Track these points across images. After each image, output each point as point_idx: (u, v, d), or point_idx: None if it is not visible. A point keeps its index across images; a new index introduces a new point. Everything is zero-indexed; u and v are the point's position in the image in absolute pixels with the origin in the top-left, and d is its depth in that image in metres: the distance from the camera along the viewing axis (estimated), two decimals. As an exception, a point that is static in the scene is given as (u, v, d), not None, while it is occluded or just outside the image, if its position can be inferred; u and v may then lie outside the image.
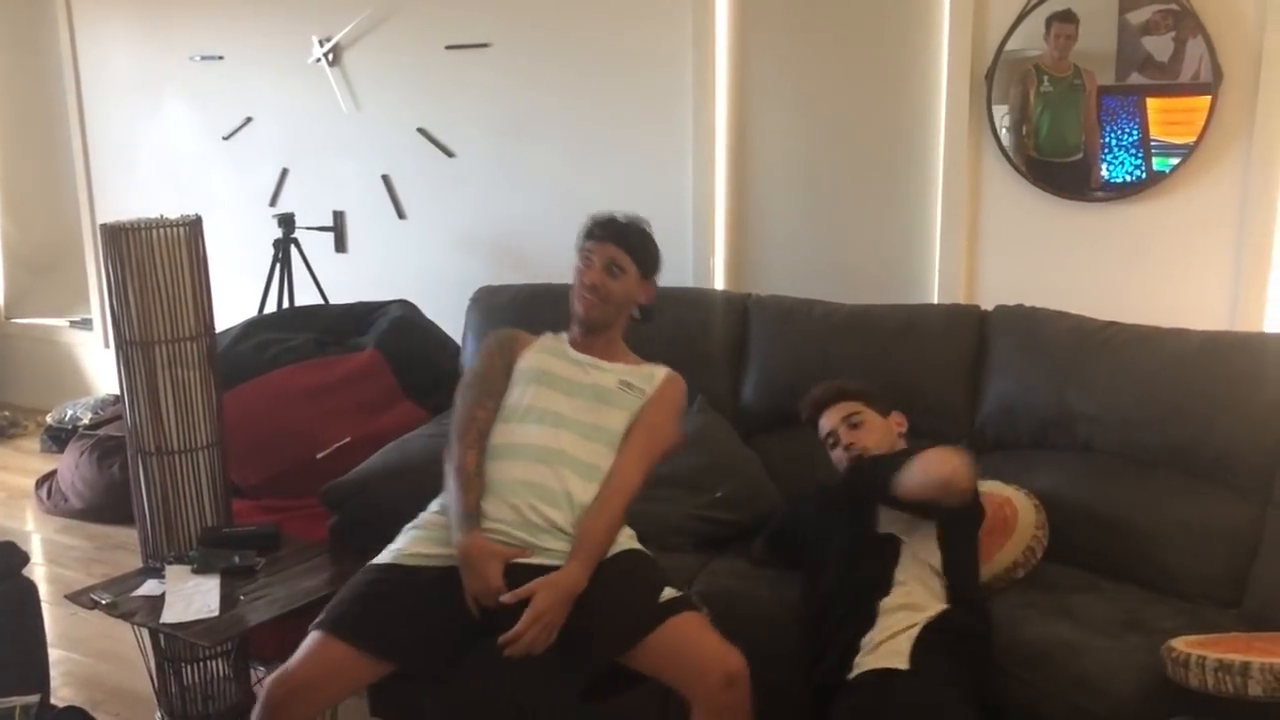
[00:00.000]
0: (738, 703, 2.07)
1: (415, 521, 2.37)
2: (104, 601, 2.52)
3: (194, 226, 2.75)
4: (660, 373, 2.50)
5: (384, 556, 2.29)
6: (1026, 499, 2.59)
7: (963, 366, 2.91)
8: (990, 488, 2.65)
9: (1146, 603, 2.41)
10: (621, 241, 2.46)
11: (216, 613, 2.44)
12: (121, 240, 2.66)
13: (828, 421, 2.54)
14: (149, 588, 2.58)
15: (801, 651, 2.28)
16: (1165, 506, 2.56)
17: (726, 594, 2.47)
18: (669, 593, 2.20)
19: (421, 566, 2.25)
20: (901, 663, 2.03)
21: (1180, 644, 2.01)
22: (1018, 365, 2.83)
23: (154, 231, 2.67)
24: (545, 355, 2.49)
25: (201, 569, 2.62)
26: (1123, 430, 2.66)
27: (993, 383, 2.86)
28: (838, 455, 2.52)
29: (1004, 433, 2.84)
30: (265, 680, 2.10)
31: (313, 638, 2.14)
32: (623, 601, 2.17)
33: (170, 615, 2.43)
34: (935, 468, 2.17)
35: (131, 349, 2.73)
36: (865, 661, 2.07)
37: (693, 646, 2.11)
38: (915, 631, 2.07)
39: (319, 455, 3.27)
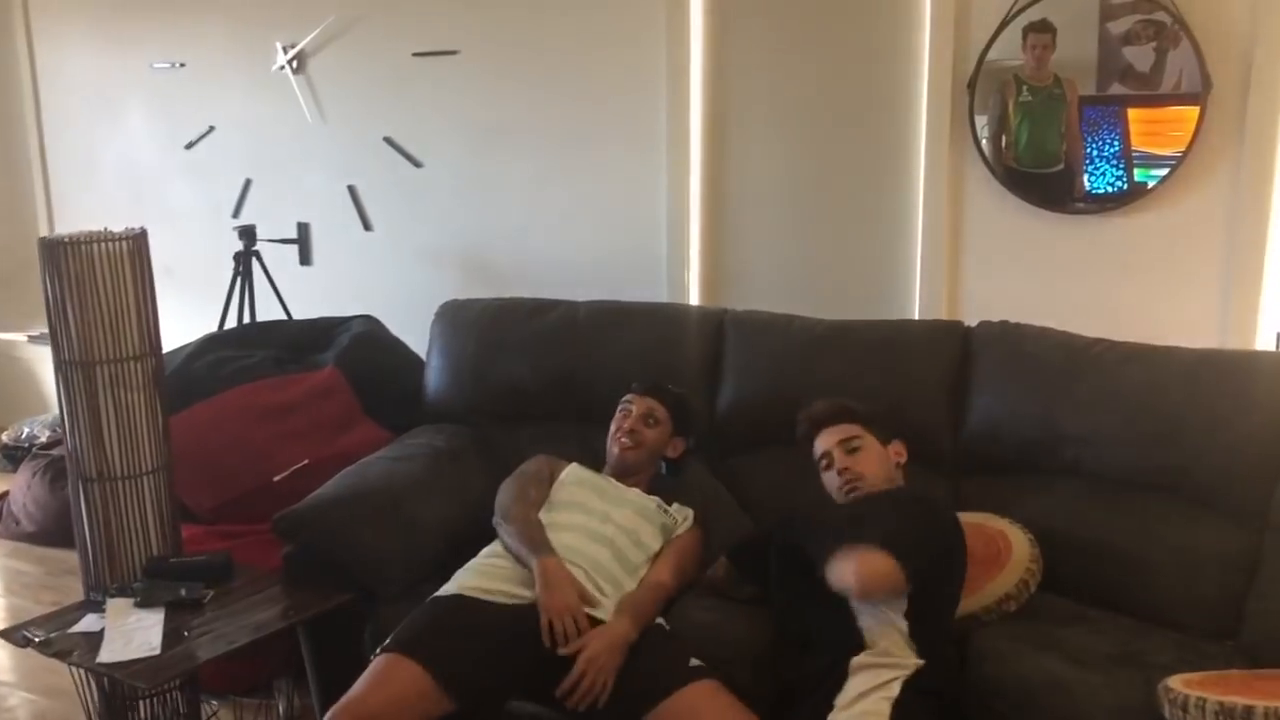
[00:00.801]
0: None
1: (471, 564, 2.43)
2: (37, 639, 2.37)
3: (138, 240, 2.61)
4: (689, 512, 2.62)
5: (448, 588, 2.34)
6: (1021, 533, 2.49)
7: (945, 384, 2.79)
8: (982, 520, 2.55)
9: (1138, 634, 2.30)
10: (661, 397, 2.70)
11: (158, 650, 2.29)
12: (60, 255, 2.52)
13: (824, 442, 2.42)
14: (88, 623, 2.44)
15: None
16: (1156, 532, 2.46)
17: (698, 628, 2.36)
18: (696, 660, 2.21)
19: (486, 601, 2.29)
20: None
21: (1178, 683, 1.90)
22: (1002, 384, 2.72)
23: (95, 246, 2.53)
24: (587, 472, 2.66)
25: (145, 602, 2.48)
26: (1112, 452, 2.55)
27: (976, 402, 2.75)
28: (830, 479, 2.40)
29: (988, 454, 2.72)
30: (329, 713, 2.05)
31: (384, 660, 2.15)
32: (657, 662, 2.20)
33: (108, 654, 2.29)
34: (842, 578, 2.09)
35: (71, 369, 2.58)
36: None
37: (719, 705, 2.11)
38: (894, 690, 1.95)
39: (275, 478, 3.13)
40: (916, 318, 3.24)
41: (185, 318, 4.20)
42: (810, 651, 2.15)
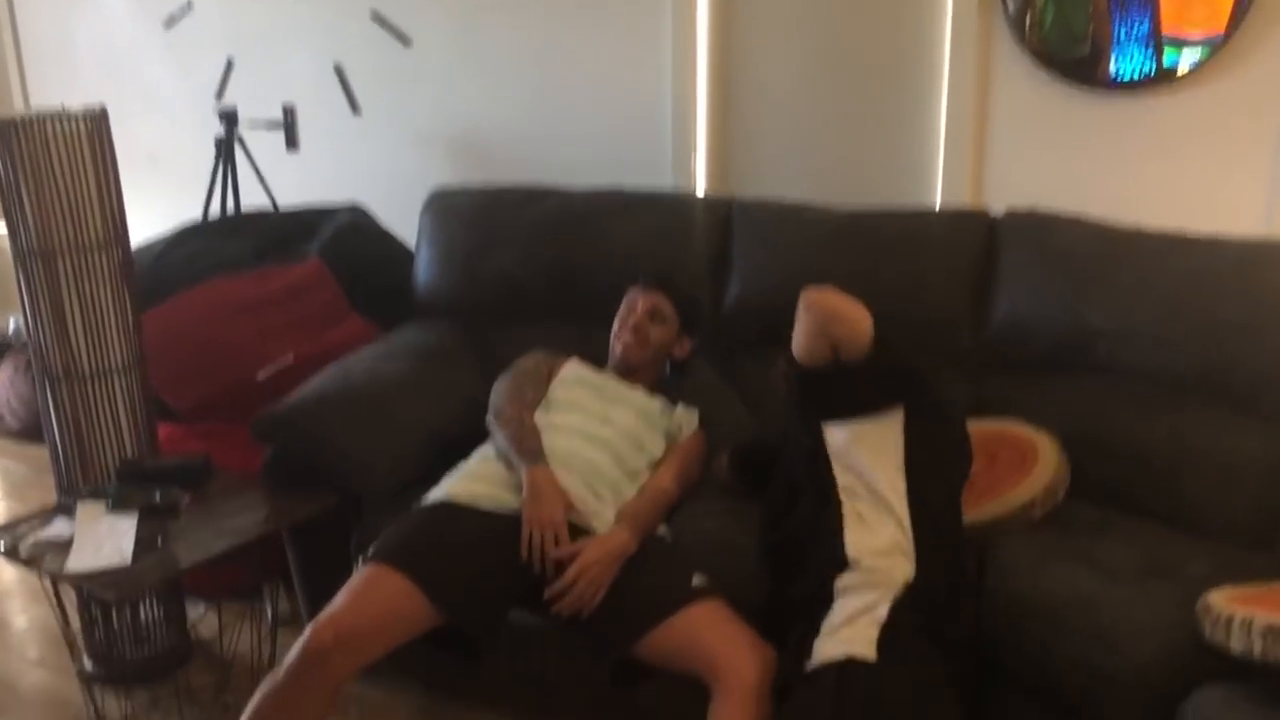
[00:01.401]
0: (764, 694, 1.89)
1: (461, 468, 2.30)
2: (3, 546, 2.24)
3: (98, 120, 2.40)
4: (694, 414, 2.50)
5: (437, 494, 2.21)
6: (1048, 437, 2.33)
7: (969, 278, 2.61)
8: (1006, 425, 2.39)
9: (1170, 544, 2.15)
10: (668, 292, 2.51)
11: (129, 560, 2.16)
12: (11, 135, 2.32)
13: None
14: (58, 528, 2.31)
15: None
16: (1192, 436, 2.30)
17: (703, 538, 2.22)
18: (699, 579, 2.07)
19: (475, 508, 2.15)
20: (866, 651, 1.76)
21: (1220, 600, 1.76)
22: (1030, 276, 2.53)
23: (50, 125, 2.33)
24: (588, 370, 2.50)
25: (118, 506, 2.35)
26: (1147, 350, 2.37)
27: (1002, 296, 2.56)
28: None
29: (1013, 352, 2.55)
30: (308, 627, 1.91)
31: (369, 571, 2.01)
32: (658, 578, 2.07)
33: (76, 562, 2.16)
34: (804, 309, 2.03)
35: (31, 260, 2.41)
36: (824, 648, 1.80)
37: (723, 631, 1.97)
38: (882, 612, 1.81)
39: (259, 376, 2.98)
40: (938, 206, 3.03)
41: (172, 208, 4.01)
42: (799, 572, 2.00)
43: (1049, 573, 2.02)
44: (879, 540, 1.90)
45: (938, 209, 2.98)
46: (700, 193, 3.35)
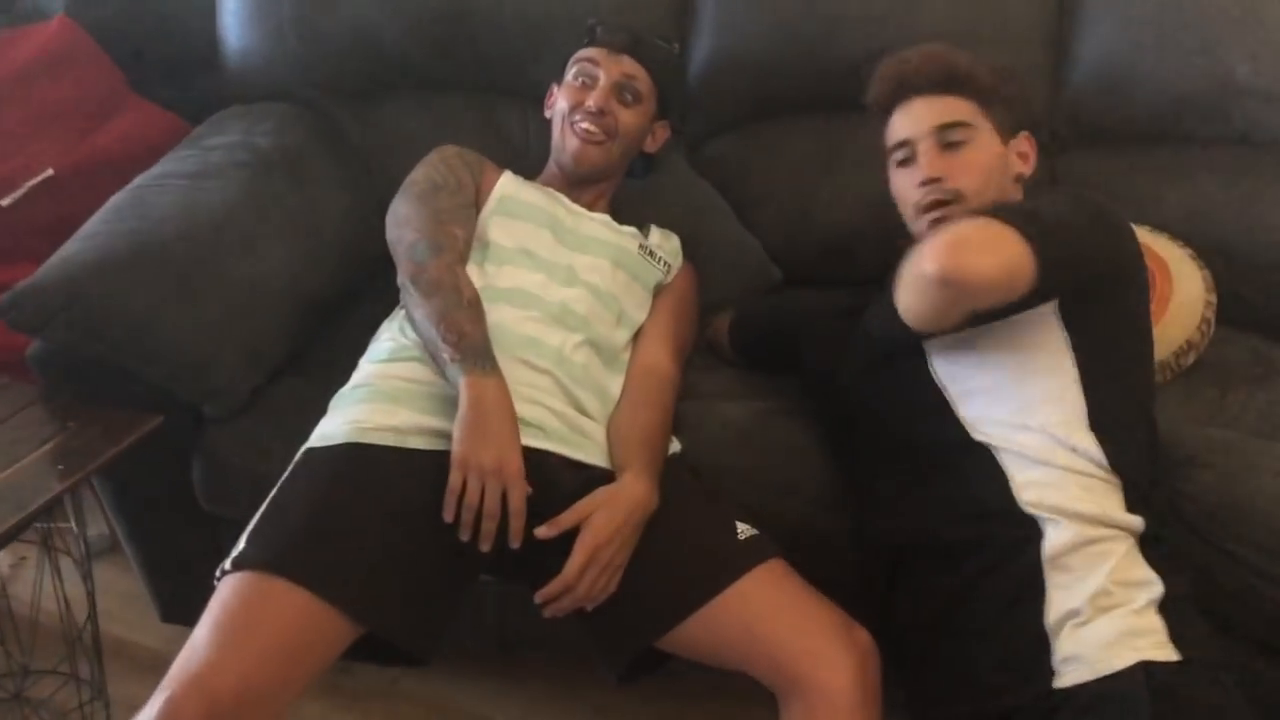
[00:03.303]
0: (868, 696, 1.24)
1: (360, 376, 1.46)
2: None
3: None
4: (677, 245, 1.74)
5: (331, 431, 1.36)
6: (1178, 247, 1.68)
7: (1041, 9, 1.85)
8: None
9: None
10: (644, 58, 1.67)
11: None
12: None
13: (907, 125, 1.44)
14: None
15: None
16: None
17: (730, 445, 1.52)
18: (745, 527, 1.37)
19: (400, 448, 1.33)
20: (1162, 650, 1.11)
21: None
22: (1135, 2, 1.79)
23: None
24: (532, 190, 1.64)
25: None
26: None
27: (1091, 33, 1.82)
28: (903, 184, 1.45)
29: (1107, 116, 1.85)
30: (162, 690, 1.10)
31: (242, 586, 1.21)
32: (688, 539, 1.35)
33: None
34: (914, 266, 1.18)
35: None
36: (1086, 656, 1.12)
37: (791, 613, 1.30)
38: (1156, 591, 1.15)
39: (4, 201, 2.00)
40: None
41: None
42: (908, 527, 1.33)
43: (1249, 457, 1.41)
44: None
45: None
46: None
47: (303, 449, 1.35)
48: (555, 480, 1.33)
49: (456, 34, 1.95)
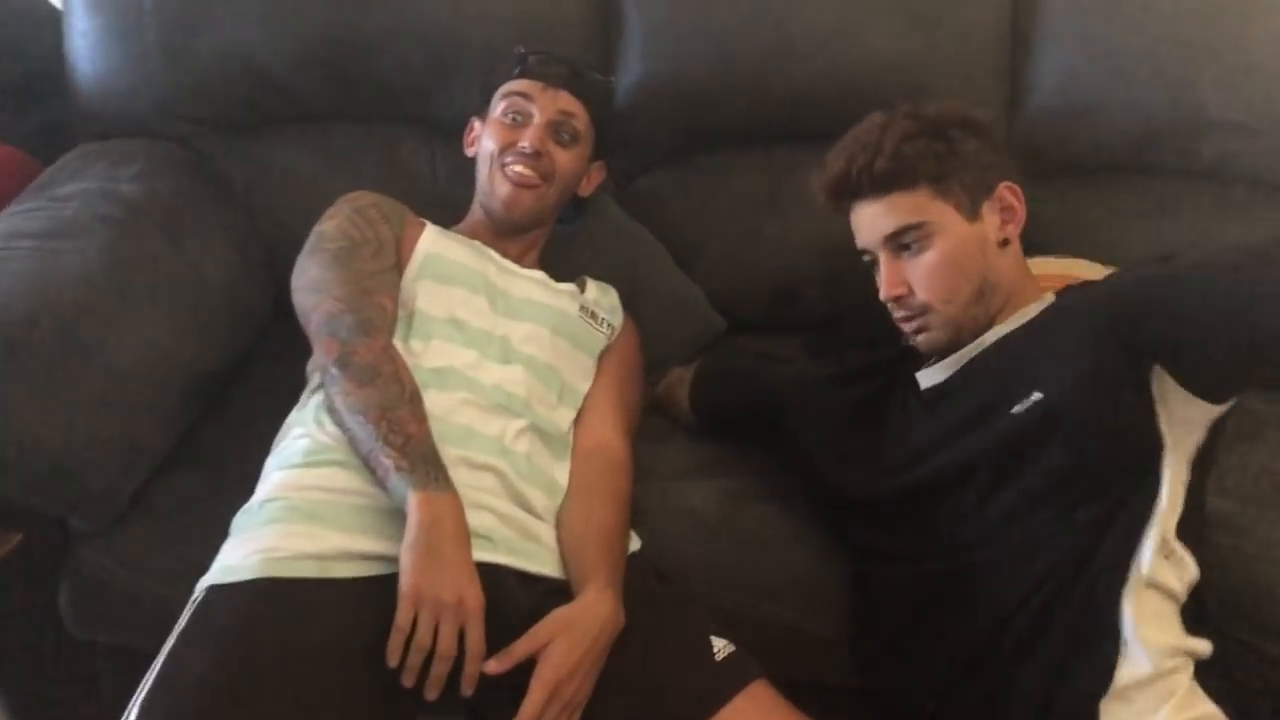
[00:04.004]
0: None
1: (269, 488, 1.20)
2: None
3: None
4: (615, 300, 1.56)
5: (236, 563, 1.12)
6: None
7: (996, 32, 1.72)
8: (1068, 269, 1.59)
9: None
10: (582, 93, 1.49)
11: None
12: None
13: (860, 232, 1.28)
14: None
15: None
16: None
17: (695, 535, 1.35)
18: (721, 645, 1.18)
19: (319, 579, 1.10)
20: None
21: None
22: (1096, 25, 1.68)
23: None
24: (459, 245, 1.43)
25: None
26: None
27: (1049, 59, 1.71)
28: (879, 287, 1.29)
29: (1067, 148, 1.73)
30: None
31: None
32: (659, 664, 1.16)
33: None
34: None
35: None
36: None
37: None
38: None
39: None
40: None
41: None
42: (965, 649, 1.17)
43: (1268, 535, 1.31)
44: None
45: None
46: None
47: (201, 586, 1.12)
48: (507, 598, 1.14)
49: (351, 58, 1.71)
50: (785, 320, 1.75)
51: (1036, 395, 1.10)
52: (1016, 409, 1.11)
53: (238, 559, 1.11)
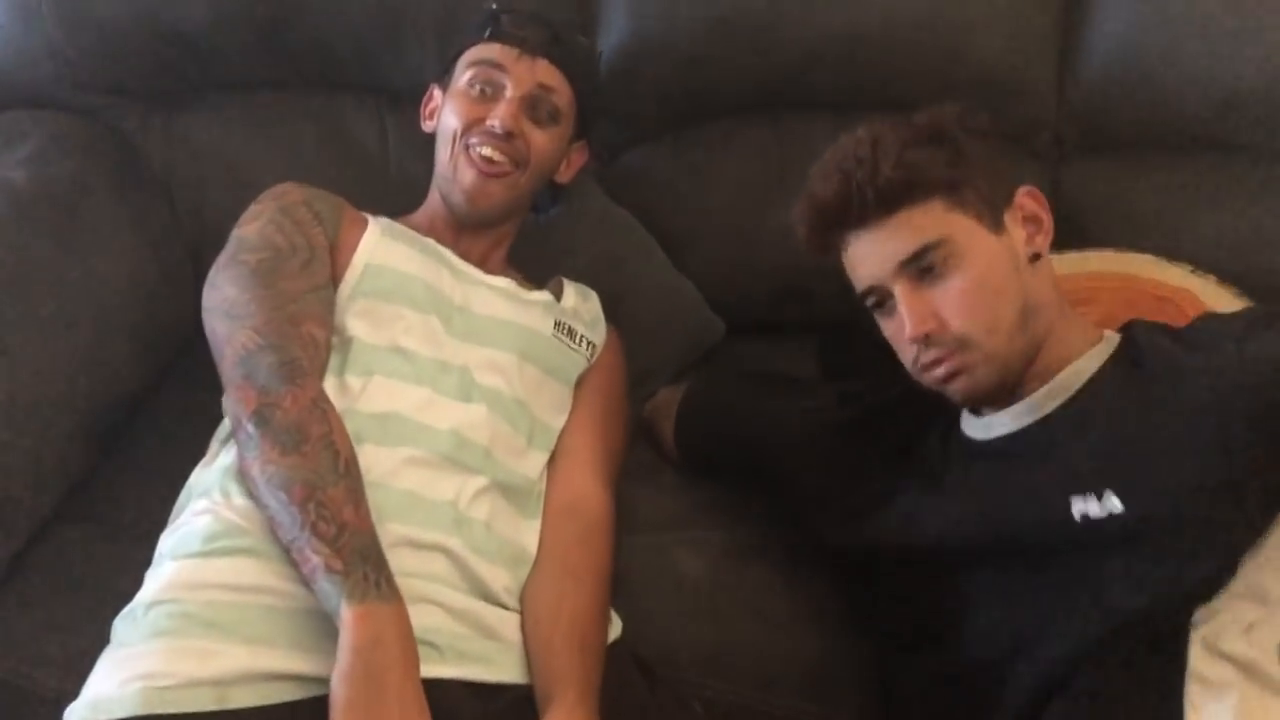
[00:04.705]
0: None
1: (158, 585, 0.95)
2: None
3: None
4: (597, 308, 1.32)
5: (109, 694, 0.88)
6: (1215, 285, 1.32)
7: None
8: (1128, 266, 1.35)
9: None
10: (564, 62, 1.24)
11: None
12: None
13: (865, 268, 1.05)
14: None
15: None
16: None
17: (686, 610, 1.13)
18: None
19: (216, 713, 0.87)
20: None
21: None
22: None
23: None
24: (407, 248, 1.18)
25: None
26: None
27: (1109, 14, 1.44)
28: (892, 333, 1.06)
29: (1127, 119, 1.46)
30: None
31: None
32: None
33: None
34: None
35: None
36: None
37: None
38: None
39: None
40: None
41: None
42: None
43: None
44: None
45: None
46: None
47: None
48: (456, 718, 0.92)
49: (287, 17, 1.45)
50: (795, 322, 1.50)
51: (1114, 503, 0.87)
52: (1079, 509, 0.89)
53: (112, 687, 0.88)
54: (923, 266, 1.00)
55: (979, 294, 0.99)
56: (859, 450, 1.12)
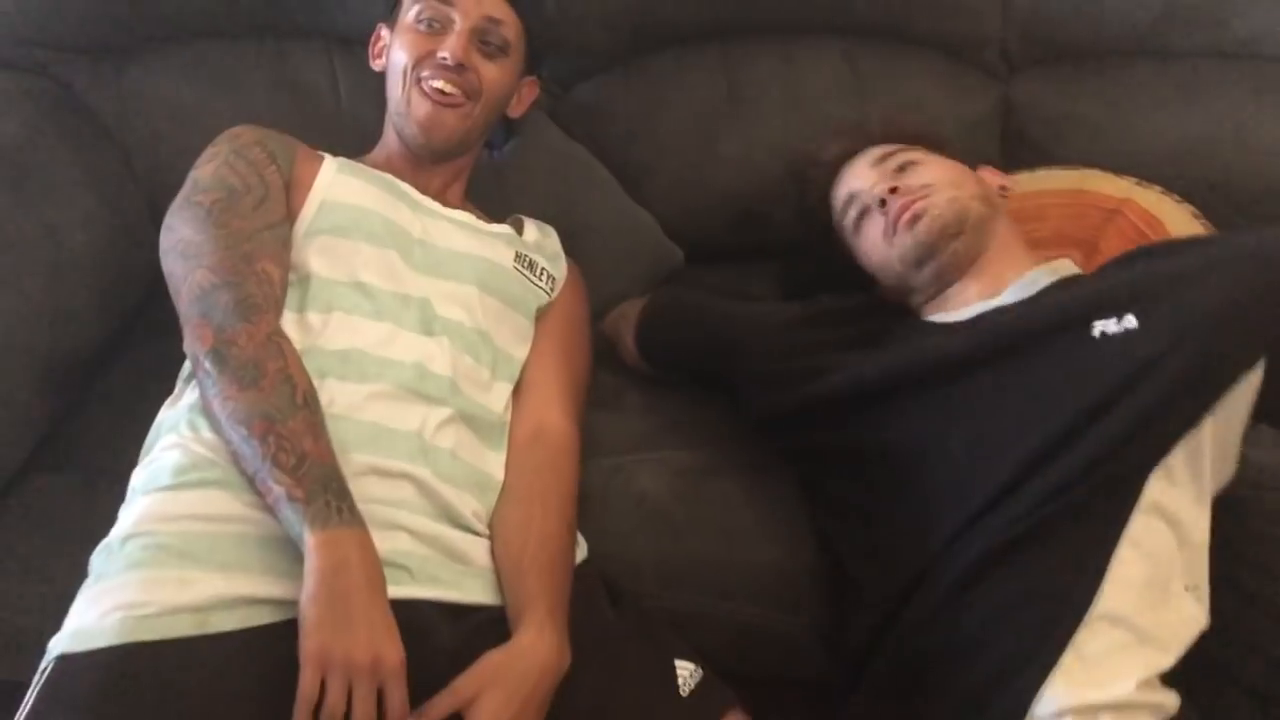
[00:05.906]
0: None
1: (131, 519, 0.97)
2: None
3: None
4: (557, 244, 1.33)
5: (90, 625, 0.90)
6: (1172, 202, 1.34)
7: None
8: (1082, 181, 1.38)
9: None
10: None
11: None
12: None
13: (851, 180, 1.19)
14: None
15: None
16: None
17: (651, 527, 1.15)
18: (687, 672, 1.00)
19: (195, 637, 0.89)
20: None
21: None
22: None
23: None
24: (364, 183, 1.18)
25: None
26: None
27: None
28: (874, 232, 1.15)
29: (1071, 29, 1.48)
30: None
31: None
32: (616, 699, 0.98)
33: None
34: None
35: None
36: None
37: None
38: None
39: None
40: None
41: None
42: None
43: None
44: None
45: None
46: None
47: (51, 654, 0.91)
48: (429, 638, 0.94)
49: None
50: (752, 247, 1.52)
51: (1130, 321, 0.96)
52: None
53: (93, 619, 0.90)
54: (900, 164, 1.16)
55: (945, 171, 1.15)
56: (817, 336, 1.15)
